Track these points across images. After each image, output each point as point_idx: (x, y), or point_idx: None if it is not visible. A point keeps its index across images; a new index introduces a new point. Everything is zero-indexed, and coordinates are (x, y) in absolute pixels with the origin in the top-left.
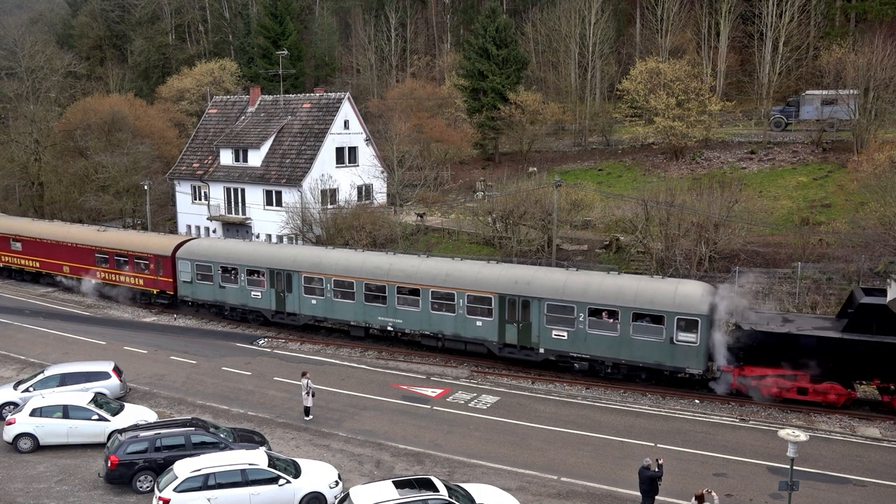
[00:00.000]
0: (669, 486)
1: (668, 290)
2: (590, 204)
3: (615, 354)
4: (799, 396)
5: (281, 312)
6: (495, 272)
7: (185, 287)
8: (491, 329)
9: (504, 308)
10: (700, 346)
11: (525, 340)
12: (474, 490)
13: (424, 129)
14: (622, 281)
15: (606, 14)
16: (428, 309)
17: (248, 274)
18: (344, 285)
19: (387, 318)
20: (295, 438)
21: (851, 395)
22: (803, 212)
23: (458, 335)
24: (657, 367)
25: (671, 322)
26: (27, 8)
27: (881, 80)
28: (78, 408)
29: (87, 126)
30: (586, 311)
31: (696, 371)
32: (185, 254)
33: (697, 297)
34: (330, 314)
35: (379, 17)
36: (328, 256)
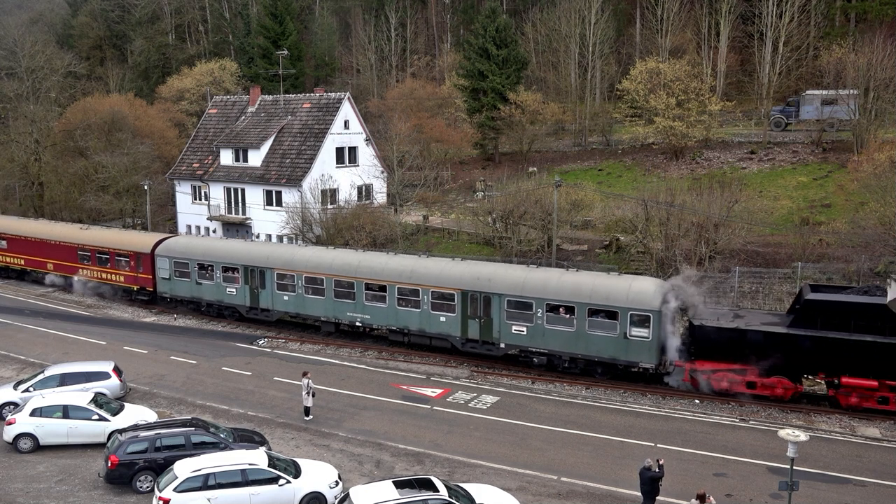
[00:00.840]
0: (669, 487)
1: (622, 286)
2: (590, 204)
3: (572, 349)
4: (748, 390)
5: (255, 308)
6: (458, 269)
7: (163, 283)
8: (454, 324)
9: (466, 304)
10: (652, 340)
11: (487, 335)
12: (474, 490)
13: (424, 129)
14: (579, 278)
15: (606, 14)
16: (394, 305)
17: (224, 271)
18: (315, 282)
19: (355, 314)
20: (295, 438)
21: (798, 389)
22: (803, 212)
23: (424, 330)
24: (612, 361)
25: (625, 317)
26: (27, 8)
27: (881, 80)
28: (78, 408)
29: (87, 126)
30: (544, 307)
31: (649, 365)
32: (163, 251)
33: (650, 294)
34: (301, 310)
35: (379, 17)
36: (300, 254)
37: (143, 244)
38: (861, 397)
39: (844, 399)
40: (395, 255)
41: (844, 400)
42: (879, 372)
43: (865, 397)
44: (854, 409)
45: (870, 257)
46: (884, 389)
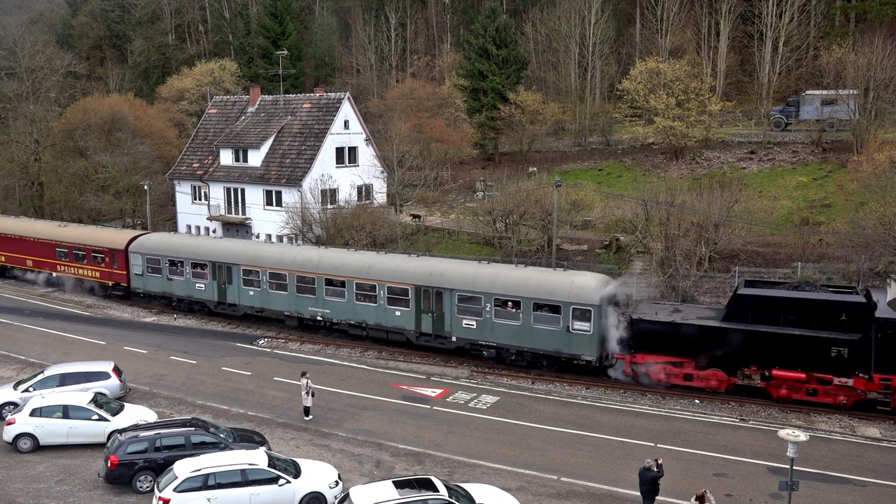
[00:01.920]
0: (669, 487)
1: (565, 281)
2: (590, 204)
3: (518, 342)
4: (685, 382)
5: (223, 303)
6: (413, 265)
7: (136, 279)
8: (409, 318)
9: (420, 299)
10: (593, 334)
11: (439, 329)
12: (474, 490)
13: (424, 129)
14: (525, 273)
15: (606, 14)
16: (353, 300)
17: (193, 267)
18: (278, 277)
19: (316, 309)
20: (295, 438)
21: (732, 381)
22: (803, 212)
23: (380, 324)
24: (556, 354)
25: (567, 311)
26: (27, 8)
27: (881, 80)
28: (78, 408)
29: (87, 126)
30: (492, 302)
31: (590, 358)
32: (136, 248)
33: (591, 288)
34: (266, 305)
35: (379, 17)
36: (264, 250)
37: (117, 241)
38: (791, 389)
39: (775, 391)
40: (354, 251)
41: (775, 392)
42: (808, 364)
43: (795, 389)
44: (784, 400)
45: (870, 257)
46: (812, 382)
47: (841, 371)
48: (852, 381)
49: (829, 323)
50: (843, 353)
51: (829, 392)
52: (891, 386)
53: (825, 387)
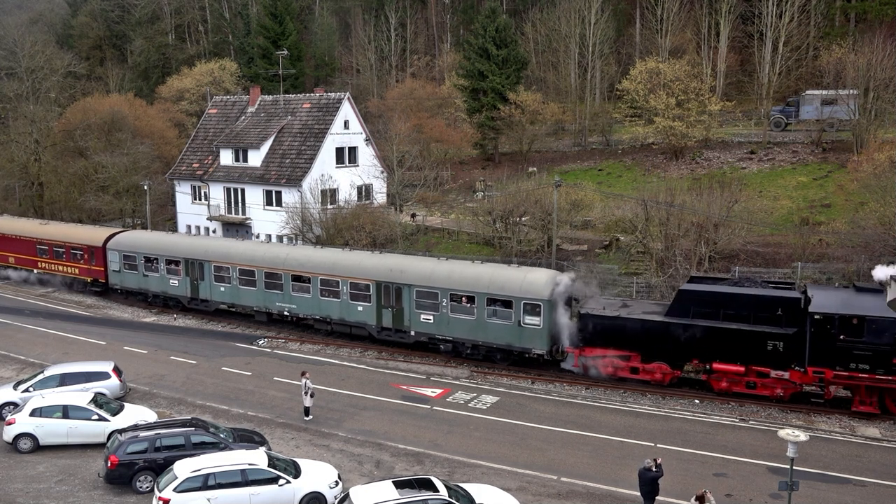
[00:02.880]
0: (669, 487)
1: (516, 277)
2: (590, 204)
3: (473, 336)
4: (632, 375)
5: (195, 299)
6: (374, 261)
7: (114, 276)
8: (370, 313)
9: (380, 294)
10: (543, 328)
11: (399, 324)
12: (474, 490)
13: (424, 129)
14: (479, 269)
15: (606, 14)
16: (317, 295)
17: (167, 263)
18: (248, 274)
19: (283, 304)
20: (295, 438)
21: (676, 375)
22: (803, 212)
23: (343, 319)
24: (508, 347)
25: (518, 306)
26: (27, 8)
27: (881, 80)
28: (78, 408)
29: (86, 126)
30: (448, 297)
31: (541, 351)
32: (114, 245)
33: (541, 284)
34: (236, 300)
35: (379, 17)
36: (235, 247)
37: (95, 238)
38: (731, 382)
39: (716, 384)
40: (320, 248)
41: (716, 384)
42: (746, 358)
43: (735, 382)
44: (725, 393)
45: (870, 257)
46: (751, 375)
47: (778, 364)
48: (788, 375)
49: (766, 318)
50: (779, 346)
51: (768, 385)
52: (824, 379)
53: (763, 380)
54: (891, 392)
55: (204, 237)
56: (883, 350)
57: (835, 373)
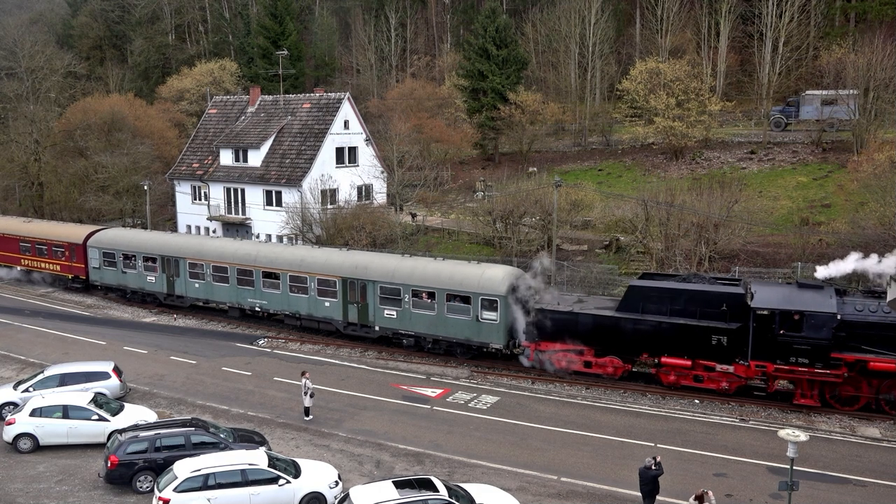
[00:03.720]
0: (669, 487)
1: (475, 273)
2: (590, 204)
3: (434, 331)
4: (585, 369)
5: (171, 295)
6: (340, 258)
7: (94, 272)
8: (337, 309)
9: (346, 290)
10: (500, 323)
11: (364, 319)
12: (474, 490)
13: (424, 130)
14: (439, 266)
15: (606, 14)
16: (287, 291)
17: (145, 260)
18: (221, 270)
19: (255, 300)
20: (295, 438)
21: (627, 368)
22: (803, 212)
23: (312, 314)
24: (467, 342)
25: (476, 302)
26: (27, 8)
27: (881, 80)
28: (78, 408)
29: (86, 126)
30: (410, 293)
31: (498, 345)
32: (94, 242)
33: (498, 280)
34: (210, 296)
35: (379, 18)
36: (208, 244)
37: (76, 236)
38: (679, 375)
39: (665, 377)
40: (289, 245)
41: (665, 378)
42: (693, 352)
43: (683, 375)
44: (673, 386)
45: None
46: (698, 368)
47: (723, 358)
48: (733, 368)
49: (711, 313)
50: (723, 341)
51: (714, 378)
52: (766, 372)
53: (710, 373)
54: (830, 385)
55: (180, 234)
56: (821, 344)
57: (776, 366)
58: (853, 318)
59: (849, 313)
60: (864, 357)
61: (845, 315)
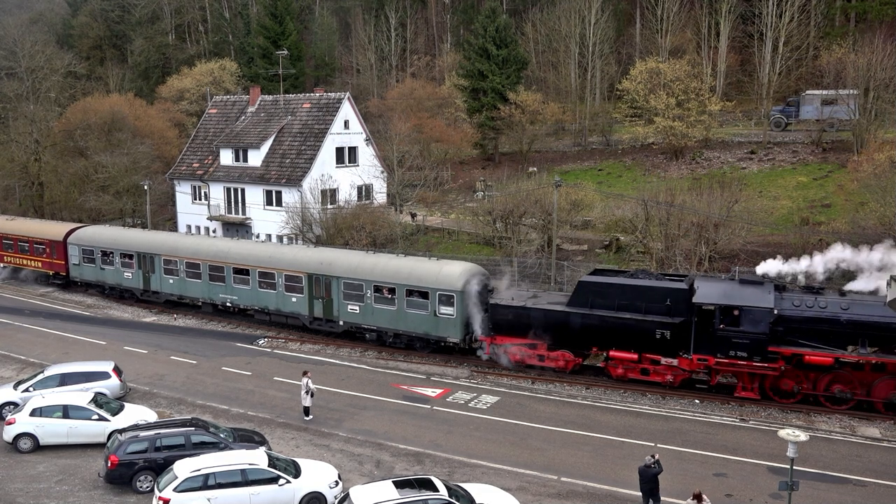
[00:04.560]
0: (669, 486)
1: (433, 269)
2: (590, 204)
3: (395, 326)
4: (539, 363)
5: (147, 290)
6: (306, 255)
7: (74, 269)
8: (303, 304)
9: (312, 286)
10: (457, 318)
11: (328, 314)
12: (474, 490)
13: (424, 129)
14: (400, 262)
15: (606, 14)
16: (256, 287)
17: (122, 257)
18: (194, 266)
19: (226, 295)
20: (295, 438)
21: (578, 362)
22: (803, 212)
23: (279, 309)
24: (426, 336)
25: (434, 297)
26: (27, 8)
27: (881, 80)
28: (78, 408)
29: (86, 126)
30: (372, 289)
31: (455, 340)
32: (74, 239)
33: (455, 276)
34: (184, 292)
35: (379, 17)
36: (182, 242)
37: (56, 233)
38: (626, 369)
39: (613, 370)
40: (258, 242)
41: (613, 371)
42: (639, 346)
43: (630, 369)
44: (622, 379)
45: None
46: (645, 362)
47: (667, 352)
48: (677, 362)
49: (656, 308)
50: (666, 335)
51: (659, 371)
52: (708, 366)
53: (656, 367)
54: (769, 378)
55: (157, 232)
56: (758, 338)
57: (716, 360)
58: (790, 313)
59: (786, 308)
60: (801, 351)
61: (782, 310)
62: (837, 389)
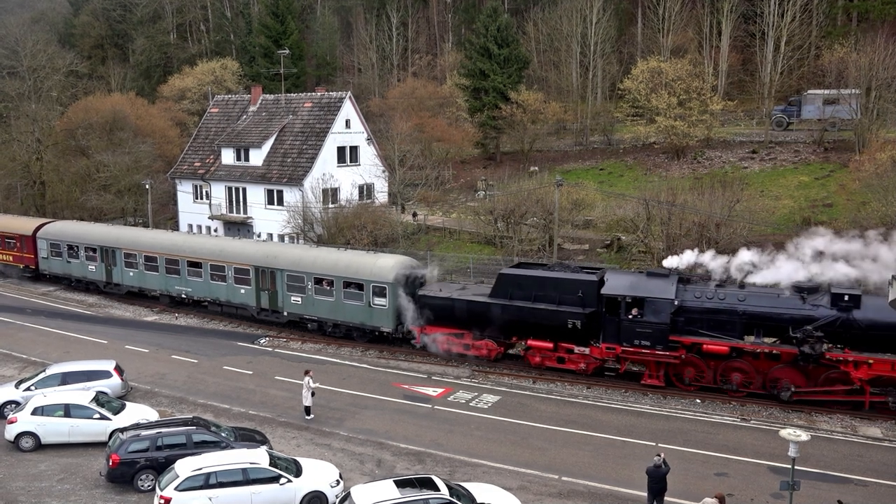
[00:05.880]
0: (671, 486)
1: (368, 262)
2: (591, 203)
3: (333, 316)
4: (465, 352)
5: (110, 283)
6: (254, 248)
7: (43, 262)
8: (251, 295)
9: (259, 278)
10: (389, 308)
11: (274, 305)
12: (475, 489)
13: (426, 129)
14: (338, 255)
15: (608, 13)
16: (208, 279)
17: (87, 251)
18: (152, 260)
19: (181, 287)
20: (296, 437)
21: (500, 351)
22: (805, 211)
23: (230, 301)
24: (361, 326)
25: (368, 289)
26: (29, 7)
27: (883, 79)
28: (79, 406)
29: (88, 125)
30: (313, 281)
31: (388, 329)
32: (43, 234)
33: (388, 268)
34: (143, 284)
35: (380, 17)
36: (141, 236)
37: (26, 228)
38: (543, 357)
39: (532, 359)
40: (210, 237)
41: (532, 360)
42: (554, 335)
43: (547, 357)
44: (539, 367)
45: None
46: (560, 351)
47: (580, 341)
48: (589, 350)
49: (569, 299)
50: (577, 325)
51: (574, 360)
52: (616, 354)
53: (570, 355)
54: (671, 366)
55: (119, 227)
56: (660, 328)
57: (622, 348)
58: (690, 304)
59: (687, 300)
60: (699, 340)
61: (683, 301)
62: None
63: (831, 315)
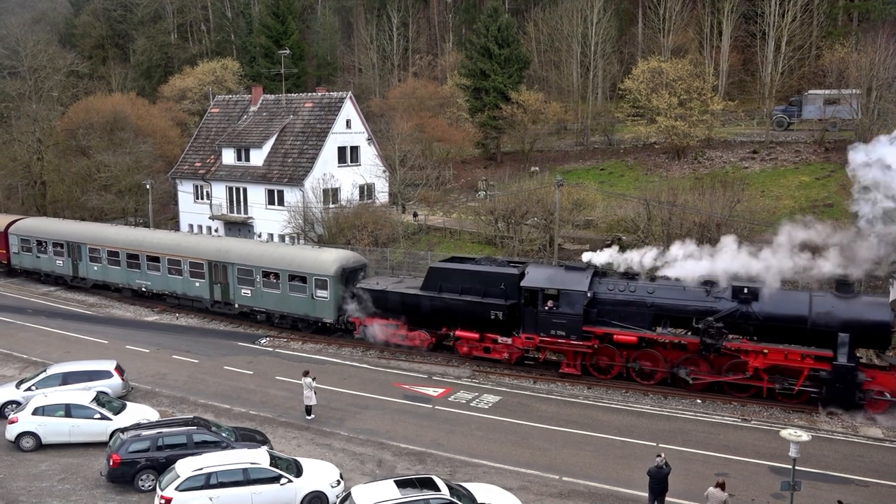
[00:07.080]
0: (672, 486)
1: (311, 256)
2: (592, 203)
3: (280, 308)
4: (400, 342)
5: (76, 277)
6: (207, 243)
7: (15, 257)
8: (205, 288)
9: (212, 271)
10: (330, 300)
11: (226, 297)
12: (476, 489)
13: (426, 129)
14: (285, 250)
15: (608, 13)
16: (166, 273)
17: (54, 246)
18: (114, 255)
19: (141, 281)
20: (297, 438)
21: (432, 341)
22: (805, 211)
23: (186, 294)
24: (305, 317)
25: (311, 282)
26: (29, 7)
27: (884, 79)
28: (80, 406)
29: (89, 125)
30: (261, 274)
31: (329, 320)
32: (14, 230)
33: (329, 262)
34: (107, 278)
35: (381, 17)
36: (105, 232)
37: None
38: (471, 347)
39: (460, 348)
40: (169, 232)
41: (460, 349)
42: (480, 326)
43: (474, 347)
44: (467, 357)
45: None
46: (486, 341)
47: (503, 332)
48: (511, 340)
49: (492, 291)
50: (500, 316)
51: (498, 349)
52: (535, 344)
53: (495, 345)
54: (586, 356)
55: (85, 223)
56: (574, 319)
57: (540, 338)
58: (602, 296)
59: (600, 292)
60: (610, 330)
61: (597, 293)
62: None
63: (731, 307)
